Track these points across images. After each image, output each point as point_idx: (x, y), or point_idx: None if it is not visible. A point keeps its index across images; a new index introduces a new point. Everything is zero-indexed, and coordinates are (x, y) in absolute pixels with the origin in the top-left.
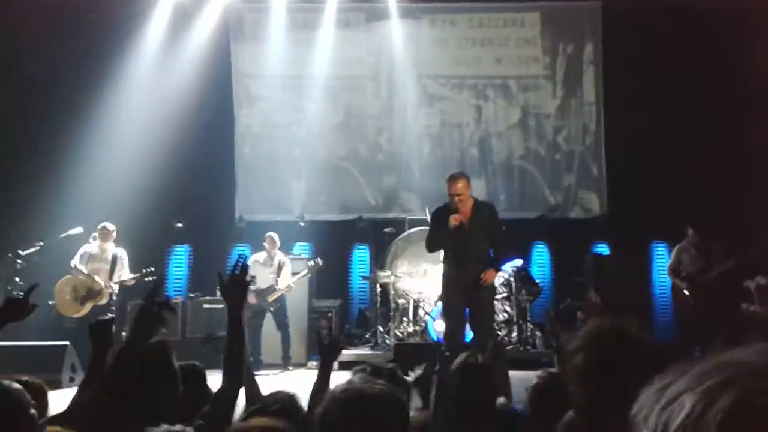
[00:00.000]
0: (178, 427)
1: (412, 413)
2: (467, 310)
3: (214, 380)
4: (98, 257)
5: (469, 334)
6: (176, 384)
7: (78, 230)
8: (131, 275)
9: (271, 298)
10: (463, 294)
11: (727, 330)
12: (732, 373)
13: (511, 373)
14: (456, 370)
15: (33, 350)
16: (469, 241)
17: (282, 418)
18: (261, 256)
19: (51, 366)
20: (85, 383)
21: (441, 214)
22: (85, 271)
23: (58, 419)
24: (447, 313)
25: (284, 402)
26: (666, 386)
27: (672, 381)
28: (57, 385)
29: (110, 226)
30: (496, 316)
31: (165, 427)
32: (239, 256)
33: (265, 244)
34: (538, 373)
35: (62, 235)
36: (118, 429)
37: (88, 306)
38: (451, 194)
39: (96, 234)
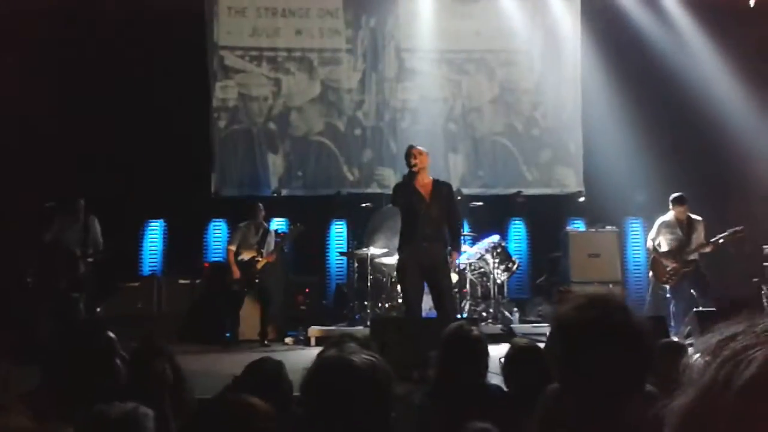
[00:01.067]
0: (130, 404)
1: None
2: (425, 287)
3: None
4: (70, 228)
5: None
6: (110, 359)
7: (50, 204)
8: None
9: (255, 269)
10: (421, 270)
11: (704, 305)
12: None
13: (489, 348)
14: (447, 340)
15: None
16: (427, 217)
17: (263, 391)
18: (245, 224)
19: None
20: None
21: (401, 188)
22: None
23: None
24: (405, 289)
25: (270, 369)
26: (728, 339)
27: (733, 335)
28: None
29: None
30: (473, 292)
31: (116, 403)
32: None
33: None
34: (512, 342)
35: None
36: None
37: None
38: (416, 162)
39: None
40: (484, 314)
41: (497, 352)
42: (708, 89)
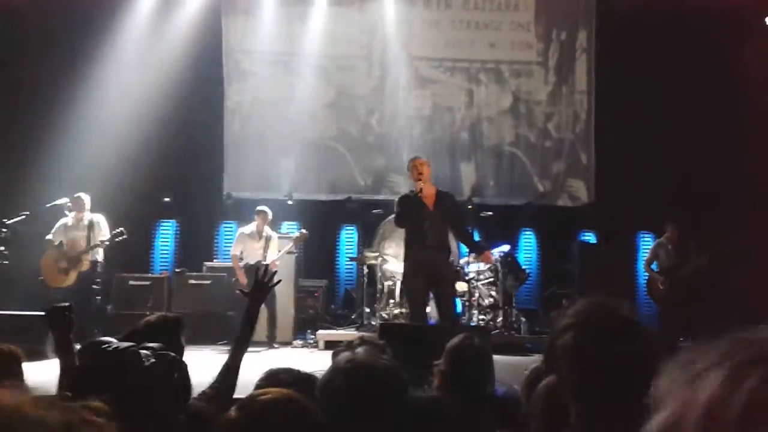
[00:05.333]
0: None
1: None
2: (431, 294)
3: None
4: (74, 227)
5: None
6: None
7: (64, 200)
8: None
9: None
10: (426, 278)
11: (704, 323)
12: (760, 351)
13: (496, 358)
14: (451, 350)
15: (17, 319)
16: (432, 227)
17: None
18: (249, 229)
19: (35, 336)
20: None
21: (406, 200)
22: (56, 242)
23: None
24: (410, 296)
25: (295, 374)
26: (689, 362)
27: (696, 357)
28: (42, 355)
29: (84, 196)
30: (482, 301)
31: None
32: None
33: (256, 218)
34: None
35: (48, 205)
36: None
37: (73, 275)
38: (420, 172)
39: (69, 205)
40: (492, 324)
41: (505, 362)
42: (724, 104)
